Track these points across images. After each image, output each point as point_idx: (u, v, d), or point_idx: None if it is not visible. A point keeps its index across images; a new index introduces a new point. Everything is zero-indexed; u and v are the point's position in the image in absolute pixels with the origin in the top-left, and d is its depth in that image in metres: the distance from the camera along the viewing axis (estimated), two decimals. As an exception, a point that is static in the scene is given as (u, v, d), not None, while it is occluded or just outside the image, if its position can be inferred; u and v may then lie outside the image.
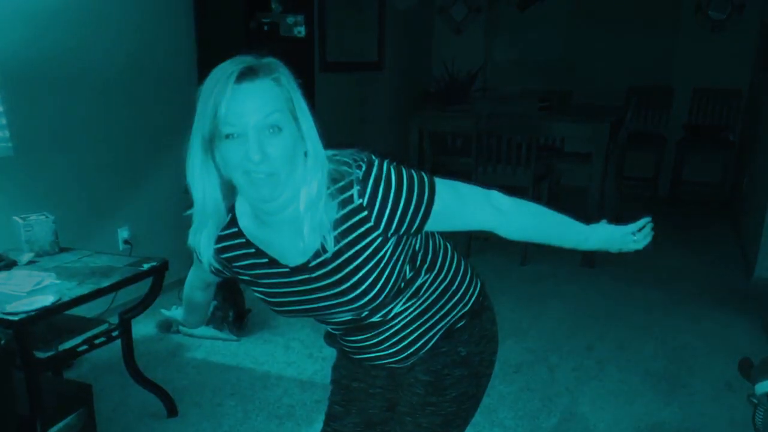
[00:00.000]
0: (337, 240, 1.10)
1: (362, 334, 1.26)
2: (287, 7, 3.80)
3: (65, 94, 2.84)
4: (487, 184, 1.25)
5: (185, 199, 1.12)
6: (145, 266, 2.17)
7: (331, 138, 1.11)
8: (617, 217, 1.39)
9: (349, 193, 1.09)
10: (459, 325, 1.31)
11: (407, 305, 1.24)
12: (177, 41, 3.42)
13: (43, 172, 2.78)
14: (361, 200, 1.09)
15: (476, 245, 4.30)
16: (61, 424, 2.00)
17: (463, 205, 1.20)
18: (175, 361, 2.82)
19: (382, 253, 1.13)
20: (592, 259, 4.06)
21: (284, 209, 1.10)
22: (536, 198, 4.00)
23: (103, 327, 2.16)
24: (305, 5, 3.91)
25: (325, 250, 1.11)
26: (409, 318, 1.25)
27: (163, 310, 1.68)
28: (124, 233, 3.23)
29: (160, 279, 2.22)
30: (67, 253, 2.30)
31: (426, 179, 1.14)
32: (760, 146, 4.17)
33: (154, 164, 3.34)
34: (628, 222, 1.30)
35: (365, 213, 1.09)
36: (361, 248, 1.12)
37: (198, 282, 1.41)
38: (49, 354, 1.97)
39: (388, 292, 1.17)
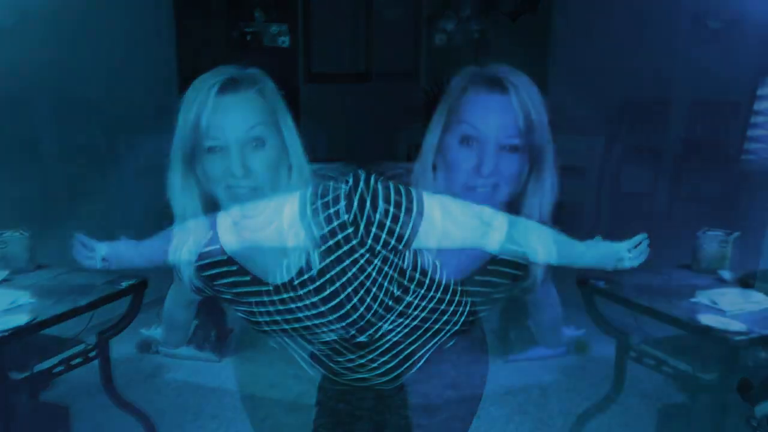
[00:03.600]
0: (322, 257, 1.07)
1: (349, 355, 1.23)
2: (271, 17, 3.79)
3: (41, 107, 2.79)
4: (477, 199, 1.23)
5: (165, 215, 1.08)
6: (124, 284, 2.14)
7: (316, 151, 1.09)
8: (612, 234, 1.37)
9: (334, 209, 1.06)
10: (448, 345, 1.27)
11: (395, 324, 1.21)
12: (157, 51, 3.38)
13: (18, 187, 2.72)
14: (347, 216, 1.05)
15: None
16: (36, 448, 1.95)
17: (452, 222, 1.16)
18: (155, 382, 2.76)
19: (368, 271, 1.10)
20: (586, 277, 4.02)
21: (268, 225, 1.07)
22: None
23: (81, 347, 2.13)
24: (289, 14, 3.89)
25: (309, 268, 1.08)
26: (397, 338, 1.22)
27: (142, 330, 1.65)
28: (102, 250, 3.14)
29: (139, 297, 2.18)
30: (43, 271, 2.25)
31: (414, 195, 1.12)
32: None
33: (134, 178, 3.28)
34: (623, 239, 1.27)
35: (351, 229, 1.06)
36: (346, 265, 1.09)
37: (179, 300, 1.40)
38: (25, 375, 1.94)
39: (375, 311, 1.14)
